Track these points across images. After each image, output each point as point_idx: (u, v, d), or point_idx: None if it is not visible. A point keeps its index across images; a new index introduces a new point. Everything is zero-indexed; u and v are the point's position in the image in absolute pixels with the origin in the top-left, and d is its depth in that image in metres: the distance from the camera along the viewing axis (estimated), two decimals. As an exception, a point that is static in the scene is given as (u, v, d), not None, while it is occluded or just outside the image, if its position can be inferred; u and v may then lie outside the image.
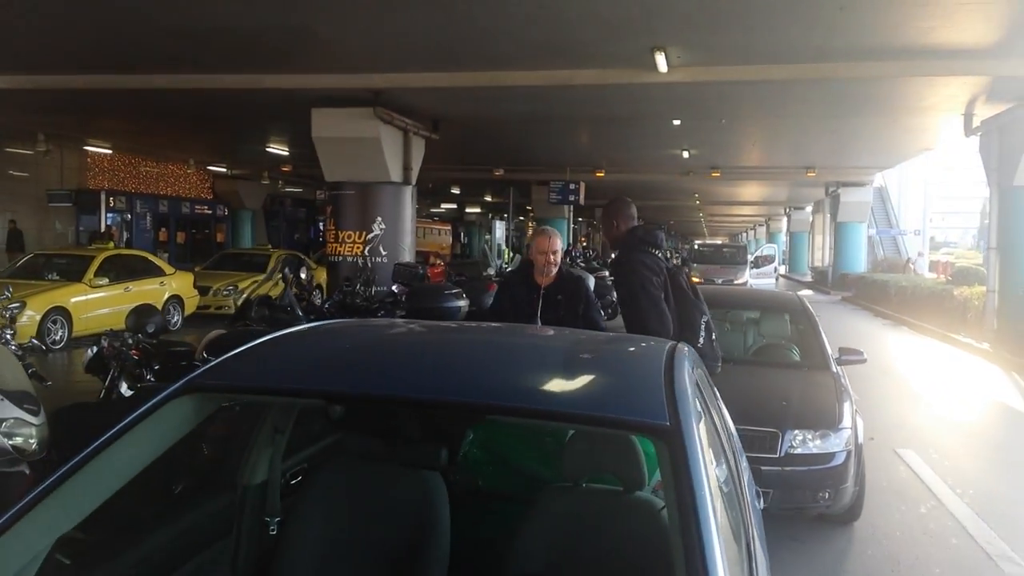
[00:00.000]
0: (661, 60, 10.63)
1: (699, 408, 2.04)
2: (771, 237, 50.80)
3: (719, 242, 56.64)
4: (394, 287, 9.60)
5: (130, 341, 4.51)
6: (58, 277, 13.14)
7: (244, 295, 6.99)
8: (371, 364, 2.19)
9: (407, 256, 14.42)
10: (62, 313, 12.30)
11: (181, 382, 2.00)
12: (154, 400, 1.94)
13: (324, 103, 13.57)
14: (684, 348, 2.50)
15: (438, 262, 25.74)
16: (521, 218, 42.42)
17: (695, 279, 21.84)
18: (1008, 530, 5.29)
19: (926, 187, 42.36)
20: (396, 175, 14.37)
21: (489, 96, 13.58)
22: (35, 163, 21.97)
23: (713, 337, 4.54)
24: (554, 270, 4.62)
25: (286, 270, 6.31)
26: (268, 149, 21.95)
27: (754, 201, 40.50)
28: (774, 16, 9.18)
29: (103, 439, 1.85)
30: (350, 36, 10.49)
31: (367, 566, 2.33)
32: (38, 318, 11.60)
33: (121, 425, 1.88)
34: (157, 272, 14.67)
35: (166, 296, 14.32)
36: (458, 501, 2.42)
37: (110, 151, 23.86)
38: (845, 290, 27.05)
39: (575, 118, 16.27)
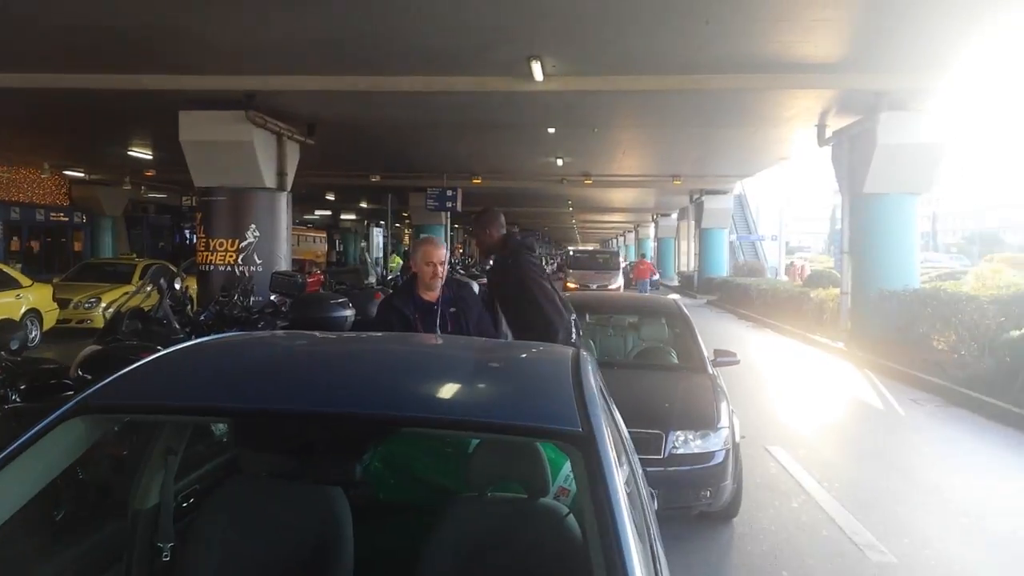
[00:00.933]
0: (537, 69, 10.82)
1: (605, 413, 2.08)
2: (640, 243, 52.40)
3: (593, 248, 57.94)
4: (272, 297, 9.32)
5: (-7, 358, 4.20)
6: None
7: (114, 307, 6.58)
8: (277, 379, 2.12)
9: (283, 264, 14.03)
10: None
11: (70, 403, 1.87)
12: (42, 424, 1.81)
13: (193, 105, 13.04)
14: (586, 355, 2.54)
15: (315, 270, 25.23)
16: (397, 225, 42.10)
17: (571, 284, 22.03)
18: (871, 520, 5.64)
19: (782, 194, 44.64)
20: (270, 181, 13.98)
21: (367, 100, 13.43)
22: None
23: (580, 334, 4.93)
24: (440, 283, 4.24)
25: (161, 281, 6.01)
26: (130, 153, 20.88)
27: (624, 208, 41.64)
28: (644, 28, 9.49)
29: None
30: (224, 35, 10.14)
31: None
32: None
33: (7, 452, 1.74)
34: (12, 284, 13.66)
35: (23, 310, 13.36)
36: (359, 515, 2.37)
37: (-47, 154, 22.20)
38: (710, 294, 28.14)
39: (454, 124, 16.29)
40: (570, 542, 2.25)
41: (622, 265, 28.32)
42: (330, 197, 35.01)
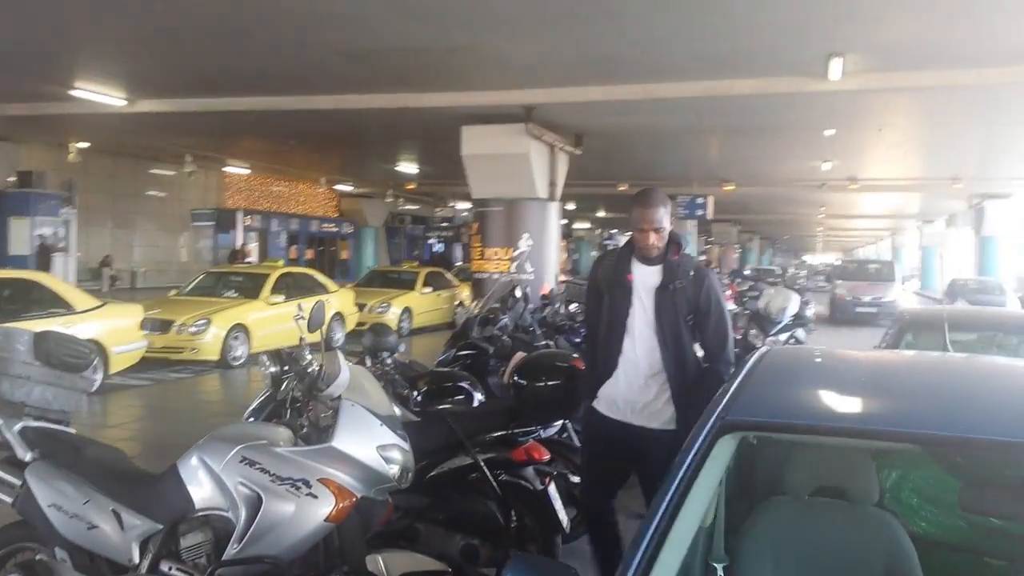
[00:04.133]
0: (835, 67, 10.09)
1: None
2: (895, 252, 48.83)
3: (866, 257, 54.64)
4: (571, 305, 9.40)
5: (388, 362, 4.39)
6: (235, 294, 13.30)
7: (466, 314, 6.77)
8: (931, 402, 1.94)
9: (552, 273, 14.29)
10: (242, 330, 12.30)
11: (713, 419, 1.80)
12: (699, 442, 1.74)
13: (475, 120, 13.55)
14: None
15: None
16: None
17: (843, 296, 20.20)
18: None
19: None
20: (543, 191, 14.26)
21: (635, 109, 13.24)
22: (177, 184, 22.90)
23: None
24: None
25: (527, 290, 6.16)
26: (397, 168, 22.10)
27: (878, 214, 38.96)
28: (975, 14, 8.58)
29: (674, 490, 1.64)
30: (509, 53, 10.35)
31: None
32: (222, 335, 11.71)
33: (681, 474, 1.68)
34: (322, 289, 14.58)
35: (331, 313, 14.10)
36: None
37: (247, 171, 24.63)
38: (995, 310, 25.45)
39: (719, 129, 15.84)
40: None
41: (898, 276, 25.98)
42: (570, 207, 35.45)
